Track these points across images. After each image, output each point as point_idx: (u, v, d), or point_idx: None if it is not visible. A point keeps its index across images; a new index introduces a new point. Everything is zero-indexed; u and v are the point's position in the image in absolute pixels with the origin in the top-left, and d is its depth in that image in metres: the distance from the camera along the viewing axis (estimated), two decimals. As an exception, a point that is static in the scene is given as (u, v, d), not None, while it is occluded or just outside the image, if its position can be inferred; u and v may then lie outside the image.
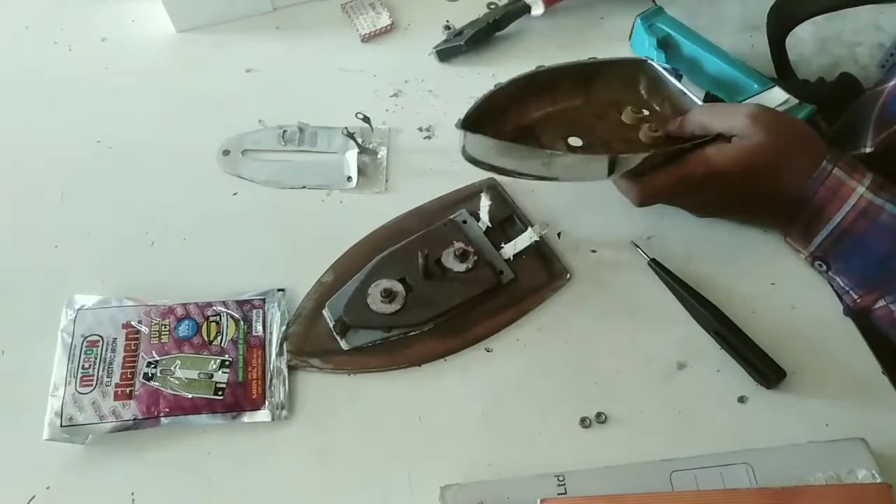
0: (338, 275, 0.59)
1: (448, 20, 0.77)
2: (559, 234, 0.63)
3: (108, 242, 0.62)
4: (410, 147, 0.69)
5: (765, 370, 0.54)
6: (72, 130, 0.69)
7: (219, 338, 0.55)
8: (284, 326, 0.57)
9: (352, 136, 0.66)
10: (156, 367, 0.53)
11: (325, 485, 0.51)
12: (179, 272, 0.60)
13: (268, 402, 0.53)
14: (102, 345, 0.54)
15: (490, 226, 0.62)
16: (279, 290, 0.58)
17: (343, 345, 0.56)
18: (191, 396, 0.53)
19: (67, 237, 0.62)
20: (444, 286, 0.58)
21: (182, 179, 0.66)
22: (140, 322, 0.55)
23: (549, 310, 0.59)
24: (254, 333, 0.56)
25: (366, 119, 0.67)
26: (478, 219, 0.62)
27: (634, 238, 0.62)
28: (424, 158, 0.68)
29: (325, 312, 0.57)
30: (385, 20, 0.77)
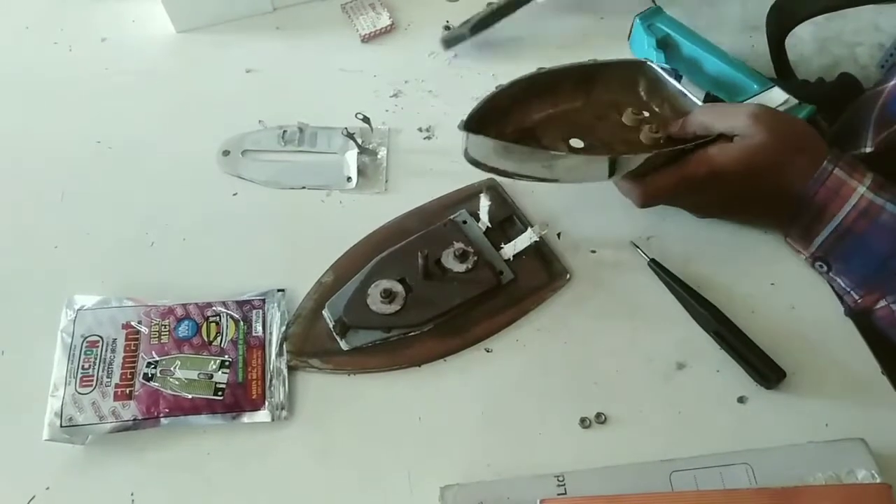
0: (338, 275, 0.59)
1: (448, 20, 0.77)
2: (559, 235, 0.63)
3: (108, 242, 0.62)
4: (410, 147, 0.69)
5: (764, 370, 0.54)
6: (72, 130, 0.69)
7: (219, 338, 0.55)
8: (284, 327, 0.57)
9: (352, 137, 0.66)
10: (156, 368, 0.53)
11: (325, 485, 0.51)
12: (179, 272, 0.60)
13: (268, 403, 0.53)
14: (102, 345, 0.54)
15: (490, 226, 0.62)
16: (279, 291, 0.58)
17: (343, 345, 0.56)
18: (191, 397, 0.53)
19: (67, 237, 0.62)
20: (444, 286, 0.58)
21: (182, 180, 0.66)
22: (140, 322, 0.55)
23: (549, 310, 0.59)
24: (254, 334, 0.56)
25: (366, 119, 0.67)
26: (478, 219, 0.62)
27: (634, 238, 0.62)
28: (424, 159, 0.68)
29: (325, 313, 0.57)
30: (385, 20, 0.77)
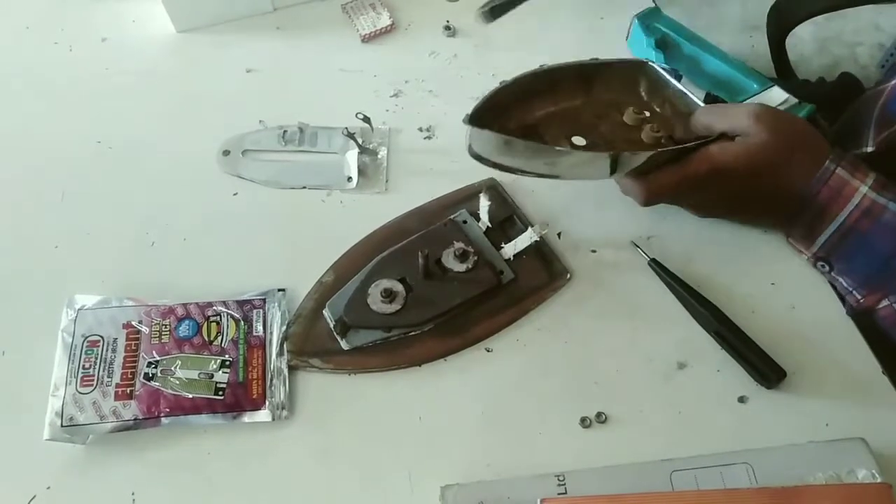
0: (338, 275, 0.59)
1: (448, 20, 0.77)
2: (559, 235, 0.63)
3: (109, 242, 0.62)
4: (410, 147, 0.69)
5: (765, 370, 0.54)
6: (72, 130, 0.69)
7: (219, 338, 0.55)
8: (285, 326, 0.57)
9: (352, 137, 0.66)
10: (156, 367, 0.53)
11: (326, 485, 0.51)
12: (180, 272, 0.60)
13: (268, 402, 0.53)
14: (103, 345, 0.54)
15: (490, 226, 0.62)
16: (279, 290, 0.58)
17: (343, 345, 0.56)
18: (191, 396, 0.53)
19: (67, 237, 0.62)
20: (445, 286, 0.58)
21: (182, 180, 0.66)
22: (140, 322, 0.55)
23: (550, 310, 0.59)
24: (254, 333, 0.56)
25: (366, 119, 0.67)
26: (478, 219, 0.62)
27: (634, 238, 0.62)
28: (424, 158, 0.68)
29: (326, 312, 0.57)
30: (385, 20, 0.77)
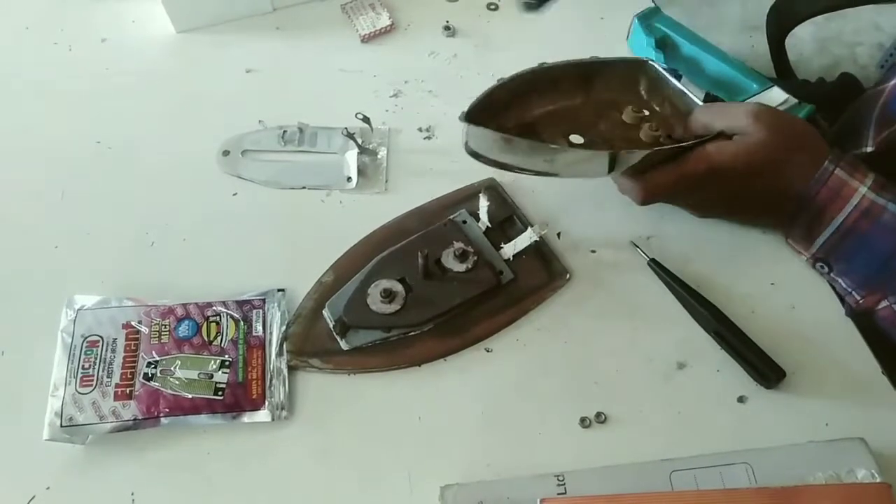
0: (338, 275, 0.59)
1: (448, 20, 0.77)
2: (559, 235, 0.63)
3: (108, 242, 0.62)
4: (410, 147, 0.69)
5: (764, 370, 0.54)
6: (72, 130, 0.69)
7: (219, 338, 0.55)
8: (284, 326, 0.57)
9: (352, 137, 0.66)
10: (156, 368, 0.53)
11: (325, 485, 0.51)
12: (179, 272, 0.60)
13: (268, 403, 0.53)
14: (102, 345, 0.54)
15: (490, 226, 0.62)
16: (279, 291, 0.58)
17: (343, 345, 0.56)
18: (191, 396, 0.53)
19: (67, 237, 0.62)
20: (444, 286, 0.58)
21: (182, 180, 0.66)
22: (140, 322, 0.55)
23: (549, 310, 0.59)
24: (254, 333, 0.56)
25: (365, 119, 0.67)
26: (477, 219, 0.62)
27: (634, 238, 0.62)
28: (424, 159, 0.68)
29: (325, 312, 0.57)
30: (385, 20, 0.77)
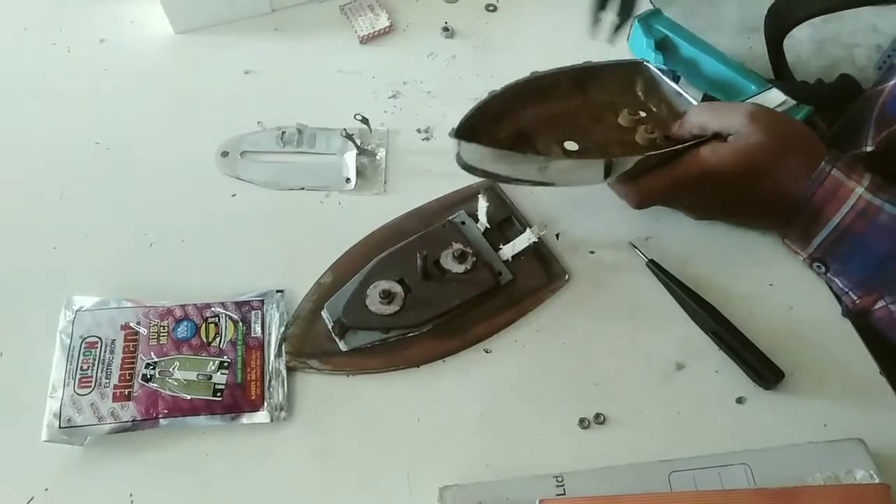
0: (336, 276, 0.59)
1: (446, 21, 0.78)
2: (557, 236, 0.63)
3: (107, 244, 0.62)
4: (409, 148, 0.69)
5: (763, 371, 0.54)
6: (71, 131, 0.69)
7: (217, 339, 0.55)
8: (283, 328, 0.57)
9: (350, 138, 0.66)
10: (154, 369, 0.53)
11: (324, 486, 0.51)
12: (178, 273, 0.60)
13: (266, 404, 0.53)
14: (101, 346, 0.54)
15: (488, 227, 0.62)
16: (278, 292, 0.58)
17: (342, 346, 0.56)
18: (189, 398, 0.53)
19: (66, 238, 0.62)
20: (443, 287, 0.58)
21: (181, 181, 0.66)
22: (139, 323, 0.55)
23: (548, 311, 0.59)
24: (252, 335, 0.56)
25: (364, 120, 0.67)
26: (476, 220, 0.62)
27: (633, 239, 0.62)
28: (423, 160, 0.68)
29: (324, 313, 0.57)
30: (384, 21, 0.77)
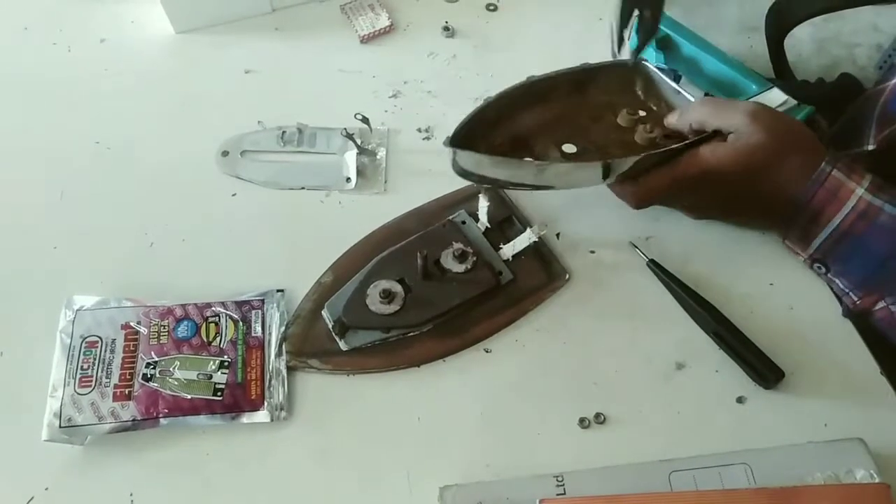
0: (337, 275, 0.59)
1: (447, 21, 0.78)
2: (558, 235, 0.63)
3: (107, 243, 0.62)
4: (409, 148, 0.69)
5: (763, 370, 0.54)
6: (71, 131, 0.69)
7: (218, 338, 0.55)
8: (283, 327, 0.57)
9: (351, 137, 0.66)
10: (155, 368, 0.53)
11: (325, 485, 0.51)
12: (178, 273, 0.60)
13: (267, 403, 0.53)
14: (101, 346, 0.54)
15: (489, 226, 0.62)
16: (278, 291, 0.58)
17: (342, 345, 0.56)
18: (190, 397, 0.53)
19: (67, 238, 0.62)
20: (443, 287, 0.58)
21: (181, 180, 0.66)
22: (139, 323, 0.55)
23: (548, 310, 0.59)
24: (253, 334, 0.56)
25: (365, 120, 0.67)
26: (477, 219, 0.62)
27: (633, 239, 0.62)
28: (423, 159, 0.68)
29: (324, 313, 0.57)
30: (384, 21, 0.77)
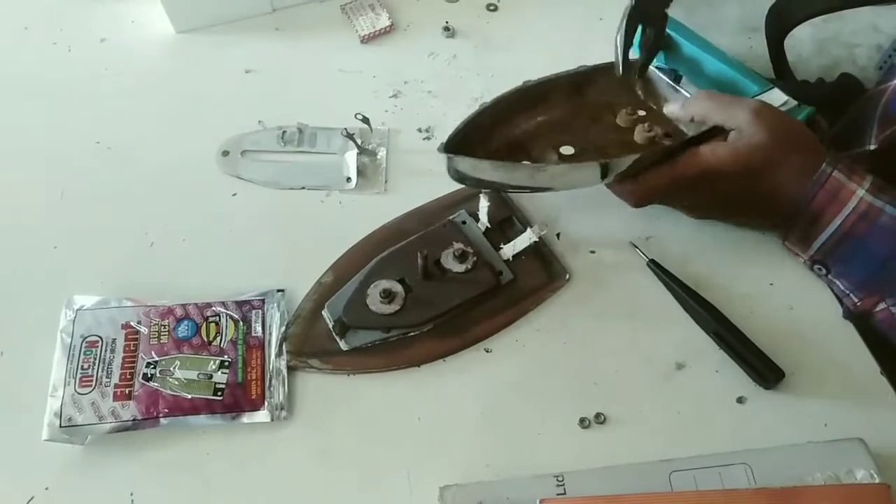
0: (337, 275, 0.59)
1: (447, 21, 0.78)
2: (558, 235, 0.63)
3: (108, 243, 0.62)
4: (410, 148, 0.69)
5: (763, 370, 0.54)
6: (71, 131, 0.69)
7: (218, 338, 0.55)
8: (284, 327, 0.57)
9: (351, 137, 0.66)
10: (155, 368, 0.53)
11: (325, 485, 0.51)
12: (179, 273, 0.60)
13: (267, 403, 0.53)
14: (102, 345, 0.54)
15: (489, 226, 0.62)
16: (278, 291, 0.58)
17: (342, 345, 0.56)
18: (190, 397, 0.53)
19: (67, 237, 0.62)
20: (444, 287, 0.58)
21: (181, 180, 0.66)
22: (139, 322, 0.55)
23: (549, 310, 0.59)
24: (253, 334, 0.56)
25: (365, 120, 0.67)
26: (477, 219, 0.62)
27: (633, 239, 0.62)
28: (424, 159, 0.68)
29: (325, 313, 0.57)
30: (384, 21, 0.77)
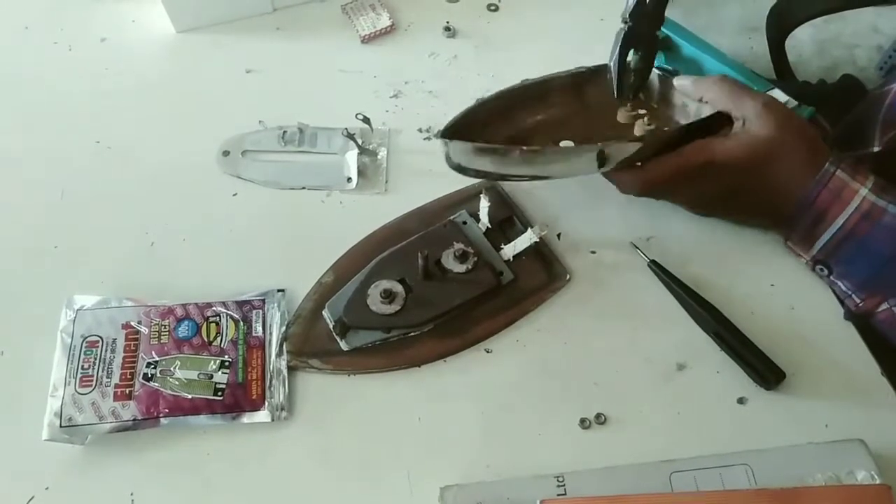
0: (338, 275, 0.59)
1: (448, 21, 0.78)
2: (559, 235, 0.63)
3: (108, 243, 0.62)
4: (410, 148, 0.69)
5: (764, 371, 0.54)
6: (72, 130, 0.69)
7: (218, 338, 0.55)
8: (284, 327, 0.57)
9: (352, 137, 0.66)
10: (155, 368, 0.53)
11: (325, 485, 0.51)
12: (179, 273, 0.60)
13: (267, 403, 0.53)
14: (102, 345, 0.54)
15: (490, 227, 0.62)
16: (279, 291, 0.58)
17: (343, 345, 0.56)
18: (190, 397, 0.53)
19: (67, 237, 0.62)
20: (444, 287, 0.58)
21: (182, 180, 0.66)
22: (140, 322, 0.55)
23: (549, 311, 0.59)
24: (253, 334, 0.56)
25: (366, 120, 0.67)
26: (478, 220, 0.62)
27: (634, 239, 0.62)
28: (424, 159, 0.68)
29: (325, 313, 0.57)
30: (385, 21, 0.77)
